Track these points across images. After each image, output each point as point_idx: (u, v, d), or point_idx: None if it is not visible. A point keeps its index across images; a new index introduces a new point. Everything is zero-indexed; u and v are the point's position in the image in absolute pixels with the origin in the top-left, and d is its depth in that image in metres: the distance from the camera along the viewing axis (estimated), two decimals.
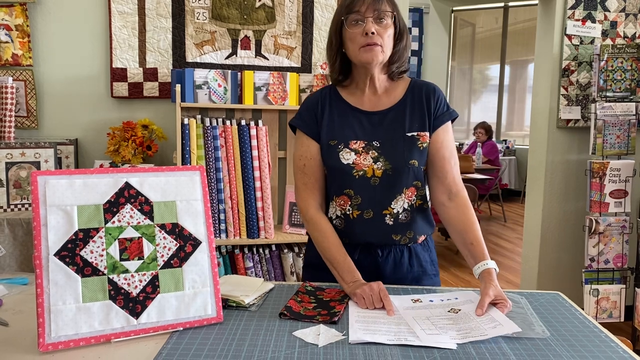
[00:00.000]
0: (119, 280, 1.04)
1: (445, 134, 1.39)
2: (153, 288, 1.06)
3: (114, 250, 1.05)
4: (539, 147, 3.26)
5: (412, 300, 1.23)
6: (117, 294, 1.03)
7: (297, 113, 1.45)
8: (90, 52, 2.67)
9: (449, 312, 1.16)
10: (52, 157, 2.40)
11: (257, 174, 2.50)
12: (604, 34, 3.10)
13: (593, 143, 2.96)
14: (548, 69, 3.14)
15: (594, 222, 2.93)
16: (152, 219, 1.09)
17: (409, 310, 1.17)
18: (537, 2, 3.31)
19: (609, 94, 2.97)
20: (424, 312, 1.16)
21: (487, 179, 5.72)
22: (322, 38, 2.81)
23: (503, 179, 7.40)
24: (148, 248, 1.07)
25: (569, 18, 3.06)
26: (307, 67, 2.82)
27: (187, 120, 2.41)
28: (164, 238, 1.09)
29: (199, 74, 2.50)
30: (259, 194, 2.51)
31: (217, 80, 2.54)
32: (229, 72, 2.57)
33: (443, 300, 1.23)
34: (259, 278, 1.58)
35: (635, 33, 3.13)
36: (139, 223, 1.08)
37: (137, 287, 1.05)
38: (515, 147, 8.09)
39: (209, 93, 2.53)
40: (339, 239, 1.35)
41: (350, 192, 1.36)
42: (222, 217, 2.49)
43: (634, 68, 2.97)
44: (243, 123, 2.50)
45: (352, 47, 1.32)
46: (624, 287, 2.97)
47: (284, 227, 2.68)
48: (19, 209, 2.36)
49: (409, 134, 1.35)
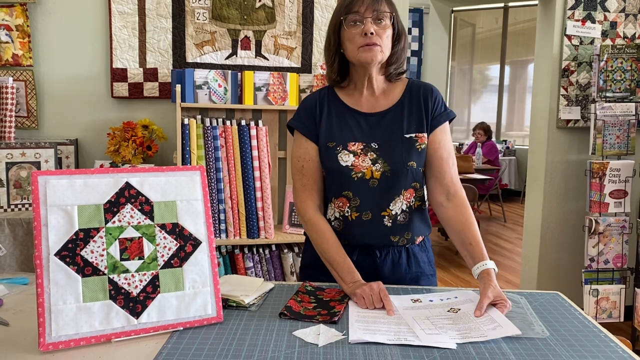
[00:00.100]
0: (120, 280, 1.04)
1: (443, 135, 1.39)
2: (153, 288, 1.06)
3: (115, 250, 1.05)
4: (539, 147, 3.26)
5: (411, 300, 1.24)
6: (117, 294, 1.03)
7: (295, 114, 1.44)
8: (91, 52, 2.68)
9: (449, 311, 1.17)
10: (52, 157, 2.40)
11: (257, 174, 2.51)
12: (604, 35, 3.11)
13: (593, 143, 2.97)
14: (548, 69, 3.15)
15: (594, 222, 2.93)
16: (152, 219, 1.09)
17: (409, 310, 1.17)
18: (537, 2, 3.31)
19: (609, 94, 2.97)
20: (424, 312, 1.17)
21: (487, 179, 5.72)
22: (322, 38, 2.81)
23: (503, 179, 7.40)
24: (148, 248, 1.08)
25: (569, 18, 3.06)
26: (307, 67, 2.82)
27: (187, 121, 2.41)
28: (164, 238, 1.09)
29: (199, 74, 2.50)
30: (259, 194, 2.51)
31: (217, 81, 2.54)
32: (229, 72, 2.57)
33: (443, 300, 1.24)
34: (259, 278, 1.58)
35: (635, 33, 3.13)
36: (140, 223, 1.08)
37: (137, 287, 1.05)
38: (515, 147, 8.09)
39: (209, 93, 2.53)
40: (338, 240, 1.35)
41: (349, 193, 1.36)
42: (222, 217, 2.49)
43: (634, 68, 2.97)
44: (243, 123, 2.50)
45: (350, 47, 1.32)
46: (624, 287, 2.97)
47: (284, 227, 2.69)
48: (19, 209, 2.37)
49: (407, 136, 1.35)
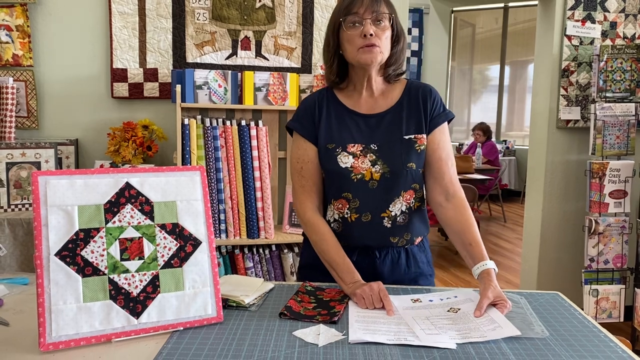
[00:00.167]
0: (120, 280, 1.04)
1: (442, 135, 1.39)
2: (153, 288, 1.07)
3: (115, 250, 1.05)
4: (539, 147, 3.26)
5: (411, 300, 1.24)
6: (117, 294, 1.04)
7: (293, 115, 1.44)
8: (91, 52, 2.68)
9: (449, 311, 1.17)
10: (52, 157, 2.40)
11: (257, 174, 2.51)
12: (604, 35, 3.11)
13: (593, 143, 2.97)
14: (548, 70, 3.15)
15: (594, 222, 2.93)
16: (152, 219, 1.09)
17: (409, 310, 1.18)
18: (537, 2, 3.32)
19: (609, 95, 2.97)
20: (424, 312, 1.17)
21: (487, 179, 5.73)
22: (322, 38, 2.81)
23: (503, 180, 7.40)
24: (148, 248, 1.08)
25: (569, 19, 3.06)
26: (307, 67, 2.82)
27: (187, 121, 2.42)
28: (165, 238, 1.09)
29: (199, 75, 2.51)
30: (259, 194, 2.52)
31: (217, 81, 2.54)
32: (229, 72, 2.57)
33: (442, 300, 1.24)
34: (259, 278, 1.58)
35: (635, 34, 3.13)
36: (140, 223, 1.08)
37: (137, 287, 1.05)
38: (515, 147, 8.10)
39: (209, 93, 2.53)
40: (337, 241, 1.35)
41: (349, 195, 1.35)
42: (222, 217, 2.49)
43: (634, 69, 2.97)
44: (243, 123, 2.50)
45: (350, 48, 1.31)
46: (624, 287, 2.97)
47: (284, 227, 2.69)
48: (20, 209, 2.37)
49: (406, 137, 1.35)
